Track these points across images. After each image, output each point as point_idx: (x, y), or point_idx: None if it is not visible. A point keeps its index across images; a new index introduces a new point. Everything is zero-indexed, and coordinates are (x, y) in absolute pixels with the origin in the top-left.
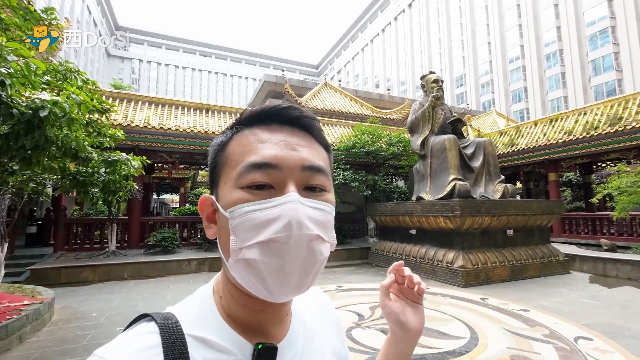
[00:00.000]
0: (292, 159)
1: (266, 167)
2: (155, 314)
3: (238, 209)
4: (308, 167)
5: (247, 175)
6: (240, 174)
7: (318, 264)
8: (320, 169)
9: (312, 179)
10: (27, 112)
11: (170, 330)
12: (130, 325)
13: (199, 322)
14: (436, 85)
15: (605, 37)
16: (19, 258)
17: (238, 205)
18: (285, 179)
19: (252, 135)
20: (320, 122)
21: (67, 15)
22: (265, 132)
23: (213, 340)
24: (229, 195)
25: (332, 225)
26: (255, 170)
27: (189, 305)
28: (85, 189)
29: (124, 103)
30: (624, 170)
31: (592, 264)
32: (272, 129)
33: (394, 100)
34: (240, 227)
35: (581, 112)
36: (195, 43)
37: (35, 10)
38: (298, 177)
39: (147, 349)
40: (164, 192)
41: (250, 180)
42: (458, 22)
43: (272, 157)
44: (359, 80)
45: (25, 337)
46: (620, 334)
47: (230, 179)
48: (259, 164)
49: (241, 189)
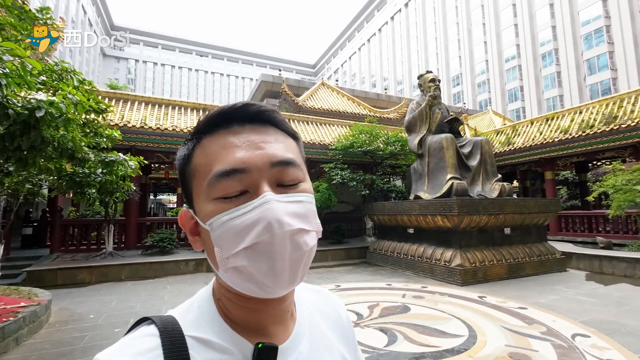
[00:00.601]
0: (259, 158)
1: (234, 173)
2: (155, 317)
3: (217, 220)
4: (277, 162)
5: (218, 185)
6: (210, 185)
7: (305, 255)
8: (289, 161)
9: (284, 173)
10: (23, 113)
11: (170, 332)
12: (131, 329)
13: (199, 323)
14: (433, 84)
15: (600, 37)
16: (15, 260)
17: (215, 216)
18: (257, 180)
19: (214, 143)
20: (280, 113)
21: (62, 15)
22: (227, 135)
23: (213, 340)
24: (205, 207)
25: (314, 213)
26: (224, 178)
27: (188, 307)
28: (82, 190)
29: (120, 103)
30: (619, 169)
31: (588, 262)
32: (233, 131)
33: (391, 99)
34: (222, 237)
35: (577, 110)
36: (191, 43)
37: (30, 10)
38: (269, 175)
39: (148, 352)
40: (161, 192)
41: (222, 190)
42: (454, 21)
43: (238, 161)
44: (356, 79)
45: (22, 339)
46: (617, 330)
47: (202, 191)
48: (226, 172)
49: (215, 199)
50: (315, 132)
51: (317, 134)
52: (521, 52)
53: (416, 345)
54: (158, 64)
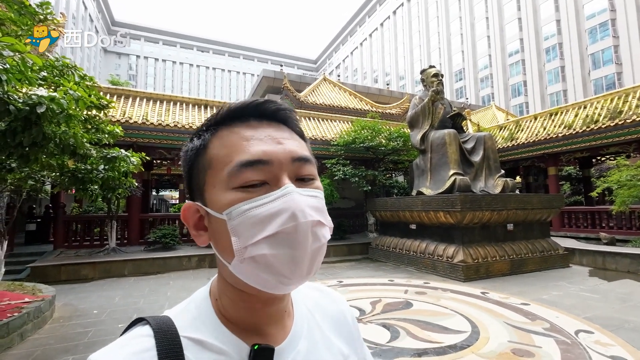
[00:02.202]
0: (282, 153)
1: (257, 163)
2: (150, 318)
3: (236, 209)
4: (297, 158)
5: (240, 175)
6: (231, 175)
7: (323, 247)
8: (308, 159)
9: (302, 169)
10: (24, 109)
11: (165, 333)
12: (126, 329)
13: (195, 324)
14: (436, 79)
15: (605, 30)
16: (19, 256)
17: (235, 205)
18: (278, 172)
19: (234, 134)
20: (296, 113)
21: (62, 11)
22: (246, 129)
23: (209, 341)
24: (222, 197)
25: (326, 209)
26: (246, 168)
27: (185, 307)
28: (84, 186)
29: (121, 99)
30: (623, 164)
31: (591, 258)
32: (252, 125)
33: (393, 94)
34: (242, 226)
35: (581, 105)
36: (192, 38)
37: (30, 4)
38: (289, 169)
39: (142, 352)
40: (163, 188)
41: (244, 180)
42: (457, 15)
43: (262, 153)
44: (357, 75)
45: (26, 334)
46: (621, 326)
47: (220, 181)
48: (250, 162)
49: (235, 189)
50: (317, 127)
51: (319, 130)
52: (525, 46)
53: (419, 341)
54: (159, 60)
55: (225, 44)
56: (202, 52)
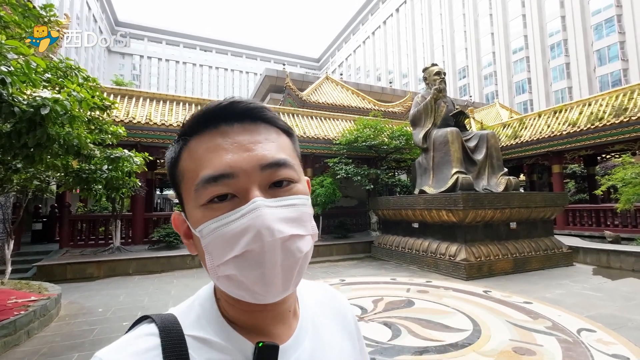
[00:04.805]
0: (248, 162)
1: (222, 178)
2: (155, 316)
3: (206, 227)
4: (267, 165)
5: (205, 192)
6: (197, 192)
7: (299, 262)
8: (281, 162)
9: (276, 175)
10: (28, 110)
11: (170, 332)
12: (132, 327)
13: (199, 322)
14: (438, 77)
15: (610, 26)
16: (25, 255)
17: (204, 223)
18: (246, 185)
19: (201, 145)
20: (271, 110)
21: (66, 12)
22: (215, 136)
23: (214, 340)
24: (194, 213)
25: (309, 215)
26: (211, 184)
27: (190, 305)
28: (89, 186)
29: (125, 99)
30: (628, 162)
31: (595, 256)
32: (221, 131)
33: (396, 93)
34: (212, 244)
35: (586, 103)
36: (195, 38)
37: (34, 7)
38: (259, 178)
39: (147, 351)
40: (167, 188)
41: (210, 195)
42: (461, 12)
43: (226, 166)
44: (360, 73)
45: (33, 332)
46: (624, 325)
47: (191, 198)
48: (213, 177)
49: (203, 205)
50: (319, 126)
51: (321, 129)
52: (529, 43)
53: (420, 340)
54: (162, 60)
55: (228, 43)
56: (205, 51)
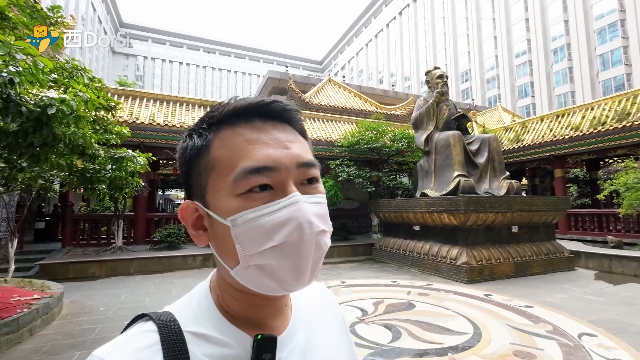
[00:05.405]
0: (288, 158)
1: (264, 170)
2: (152, 313)
3: (241, 217)
4: (303, 163)
5: (245, 181)
6: (236, 181)
7: (323, 255)
8: (312, 162)
9: (307, 173)
10: (35, 110)
11: (169, 328)
12: (128, 325)
13: (197, 318)
14: (441, 80)
15: (614, 31)
16: (28, 253)
17: (240, 212)
18: (284, 179)
19: (237, 136)
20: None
21: (72, 13)
22: (251, 130)
23: (212, 335)
24: (226, 203)
25: (328, 213)
26: (252, 175)
27: (186, 303)
28: (92, 186)
29: (129, 100)
30: (631, 167)
31: (597, 261)
32: (256, 126)
33: (398, 96)
34: (247, 234)
35: (588, 107)
36: (199, 39)
37: (41, 8)
38: (295, 175)
39: (146, 348)
40: (169, 188)
41: (250, 186)
42: (463, 16)
43: (269, 159)
44: (363, 76)
45: (35, 330)
46: (625, 330)
47: (224, 186)
48: (257, 168)
49: (239, 195)
50: (321, 128)
51: (324, 131)
52: (532, 47)
53: (420, 342)
54: (166, 61)
55: (231, 45)
56: (209, 53)
